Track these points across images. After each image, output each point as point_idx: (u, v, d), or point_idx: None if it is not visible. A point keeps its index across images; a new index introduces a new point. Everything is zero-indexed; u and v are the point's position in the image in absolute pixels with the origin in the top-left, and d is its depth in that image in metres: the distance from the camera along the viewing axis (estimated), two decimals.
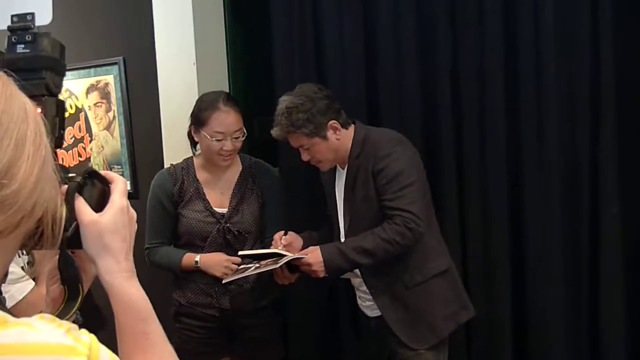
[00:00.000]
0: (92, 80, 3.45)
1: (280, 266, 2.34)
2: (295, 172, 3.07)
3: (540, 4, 2.55)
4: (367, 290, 2.47)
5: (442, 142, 2.75)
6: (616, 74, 2.49)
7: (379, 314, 2.47)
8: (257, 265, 2.40)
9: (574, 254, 2.62)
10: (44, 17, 0.91)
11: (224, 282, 2.44)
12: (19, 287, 0.97)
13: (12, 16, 0.94)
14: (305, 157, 2.44)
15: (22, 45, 0.93)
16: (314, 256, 2.34)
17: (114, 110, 3.41)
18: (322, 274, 2.35)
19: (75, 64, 3.34)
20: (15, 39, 0.94)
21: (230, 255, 2.49)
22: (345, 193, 2.45)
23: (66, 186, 0.88)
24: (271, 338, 2.71)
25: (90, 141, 3.52)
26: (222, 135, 2.45)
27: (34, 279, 2.54)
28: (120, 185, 0.94)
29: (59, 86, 0.96)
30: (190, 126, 2.56)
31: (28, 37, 0.93)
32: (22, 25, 0.94)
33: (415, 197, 2.30)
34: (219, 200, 2.57)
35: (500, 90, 2.65)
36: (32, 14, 0.94)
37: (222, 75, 3.24)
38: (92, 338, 0.76)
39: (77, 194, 0.89)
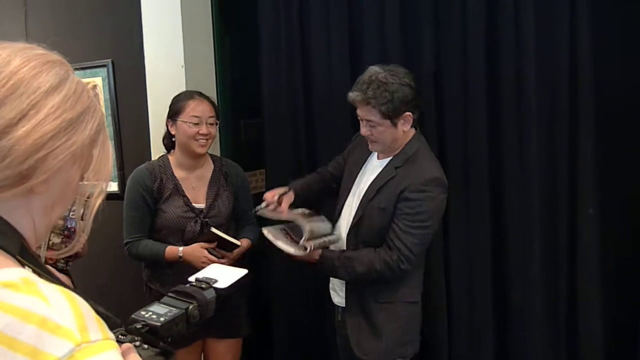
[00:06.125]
0: None
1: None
2: (280, 173, 3.11)
3: (520, 12, 2.61)
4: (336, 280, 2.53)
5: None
6: (594, 80, 2.54)
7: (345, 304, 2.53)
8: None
9: (552, 256, 2.67)
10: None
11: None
12: None
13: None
14: (365, 131, 2.41)
15: None
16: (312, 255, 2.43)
17: None
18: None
19: None
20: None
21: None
22: (368, 190, 2.44)
23: None
24: (240, 317, 2.86)
25: None
26: (198, 119, 2.63)
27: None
28: None
29: None
30: (167, 123, 2.71)
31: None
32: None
33: (423, 241, 2.37)
34: (194, 196, 2.71)
35: (482, 97, 2.70)
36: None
37: (210, 78, 3.28)
38: (108, 343, 0.79)
39: None
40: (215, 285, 1.35)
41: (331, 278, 2.61)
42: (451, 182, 2.50)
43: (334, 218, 2.59)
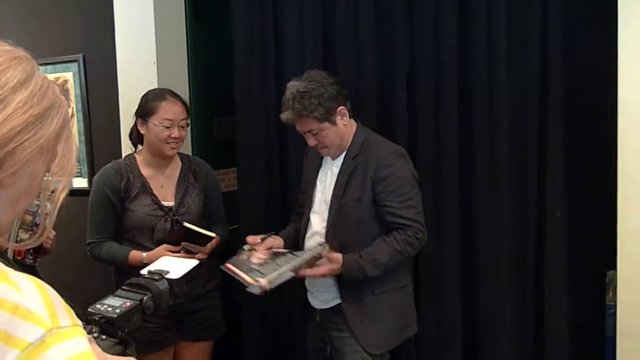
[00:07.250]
0: (50, 77, 3.40)
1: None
2: (253, 173, 3.12)
3: (492, 14, 2.64)
4: (314, 282, 2.51)
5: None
6: (564, 84, 2.58)
7: (325, 306, 2.53)
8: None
9: (521, 259, 2.71)
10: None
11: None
12: None
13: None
14: (312, 142, 2.47)
15: None
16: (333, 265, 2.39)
17: (72, 108, 3.40)
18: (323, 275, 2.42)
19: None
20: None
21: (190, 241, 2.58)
22: (335, 189, 2.47)
23: None
24: (215, 318, 2.83)
25: None
26: (170, 122, 2.59)
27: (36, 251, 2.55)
28: None
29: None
30: (136, 120, 2.66)
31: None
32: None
33: (419, 209, 2.43)
34: (163, 194, 2.68)
35: (453, 100, 2.73)
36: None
37: (182, 75, 3.26)
38: (77, 330, 0.81)
39: None
40: (168, 276, 1.38)
41: (306, 282, 2.59)
42: (421, 185, 2.53)
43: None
